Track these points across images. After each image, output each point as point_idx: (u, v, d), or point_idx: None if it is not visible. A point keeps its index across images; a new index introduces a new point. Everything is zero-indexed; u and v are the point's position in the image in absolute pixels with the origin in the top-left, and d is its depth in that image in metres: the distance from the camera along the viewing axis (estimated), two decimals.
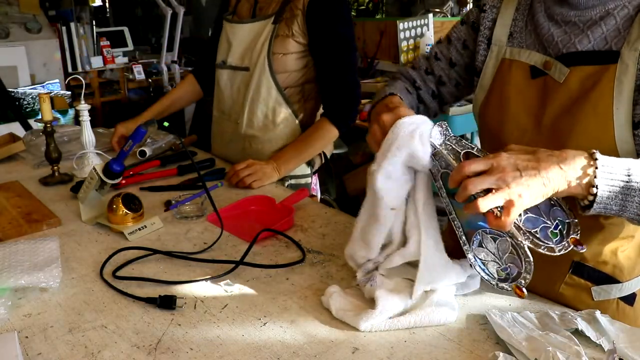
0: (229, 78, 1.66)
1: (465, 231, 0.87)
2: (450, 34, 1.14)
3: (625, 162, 0.76)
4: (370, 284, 0.90)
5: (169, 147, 1.81)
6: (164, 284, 0.98)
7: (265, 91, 1.57)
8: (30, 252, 1.03)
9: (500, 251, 0.85)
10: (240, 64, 1.62)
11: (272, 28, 1.54)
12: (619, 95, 0.85)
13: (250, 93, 1.59)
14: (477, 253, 0.86)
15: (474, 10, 1.10)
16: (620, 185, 0.74)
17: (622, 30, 0.87)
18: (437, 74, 1.15)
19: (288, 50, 1.53)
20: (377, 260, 0.93)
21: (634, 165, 0.75)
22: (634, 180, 0.74)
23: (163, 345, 0.81)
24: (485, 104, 1.04)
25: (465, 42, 1.11)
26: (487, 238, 0.85)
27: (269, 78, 1.56)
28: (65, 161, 1.59)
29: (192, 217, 1.28)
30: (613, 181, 0.74)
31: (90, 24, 4.45)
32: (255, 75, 1.57)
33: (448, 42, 1.14)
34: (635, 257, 0.97)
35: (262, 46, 1.55)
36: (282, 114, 1.59)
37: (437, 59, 1.16)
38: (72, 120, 3.75)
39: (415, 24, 3.74)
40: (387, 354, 0.78)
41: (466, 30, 1.10)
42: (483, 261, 0.86)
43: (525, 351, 0.75)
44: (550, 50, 0.94)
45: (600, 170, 0.74)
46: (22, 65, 3.67)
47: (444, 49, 1.15)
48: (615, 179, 0.74)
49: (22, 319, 0.88)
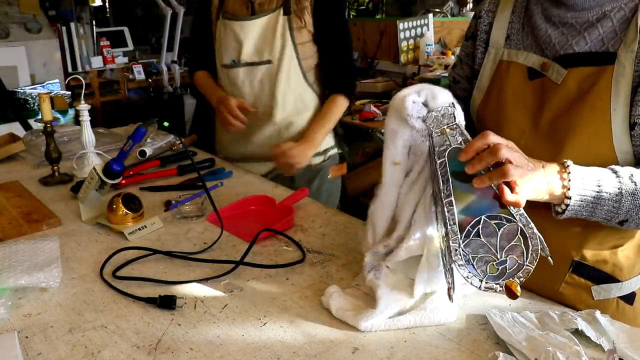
0: (247, 75, 1.68)
1: (459, 219, 0.78)
2: (460, 54, 1.16)
3: (596, 173, 0.81)
4: (375, 274, 0.89)
5: (169, 147, 1.81)
6: (164, 284, 0.98)
7: (294, 79, 1.68)
8: (30, 252, 1.03)
9: (503, 240, 0.76)
10: (259, 58, 1.65)
11: (286, 19, 1.62)
12: (617, 97, 0.85)
13: (279, 84, 1.65)
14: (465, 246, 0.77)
15: (472, 21, 1.11)
16: (592, 195, 0.80)
17: (618, 32, 0.87)
18: (461, 95, 1.14)
19: (304, 39, 1.66)
20: (387, 243, 0.91)
21: (604, 176, 0.81)
22: (604, 190, 0.80)
23: (163, 345, 0.81)
24: (483, 105, 1.04)
25: (473, 55, 1.11)
26: (489, 225, 0.77)
27: (297, 66, 1.67)
28: (65, 161, 1.59)
29: (192, 217, 1.28)
30: (585, 191, 0.80)
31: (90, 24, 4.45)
32: (283, 66, 1.64)
33: (460, 62, 1.15)
34: (635, 257, 0.97)
35: (283, 38, 1.63)
36: (308, 96, 1.74)
37: (456, 82, 1.16)
38: (72, 120, 3.75)
39: (415, 24, 3.75)
40: (387, 354, 0.78)
41: (471, 44, 1.10)
42: (472, 255, 0.76)
43: (525, 351, 0.75)
44: (548, 52, 0.94)
45: (573, 182, 0.79)
46: (22, 65, 3.67)
47: (459, 70, 1.16)
48: (587, 189, 0.80)
49: (22, 319, 0.88)
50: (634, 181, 0.80)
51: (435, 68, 3.36)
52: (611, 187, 0.80)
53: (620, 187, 0.80)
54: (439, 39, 3.88)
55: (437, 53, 3.70)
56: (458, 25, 3.99)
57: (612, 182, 0.80)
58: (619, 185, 0.80)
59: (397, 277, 0.90)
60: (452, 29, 3.96)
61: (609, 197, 0.80)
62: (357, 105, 3.27)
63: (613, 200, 0.80)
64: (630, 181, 0.80)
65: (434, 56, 3.61)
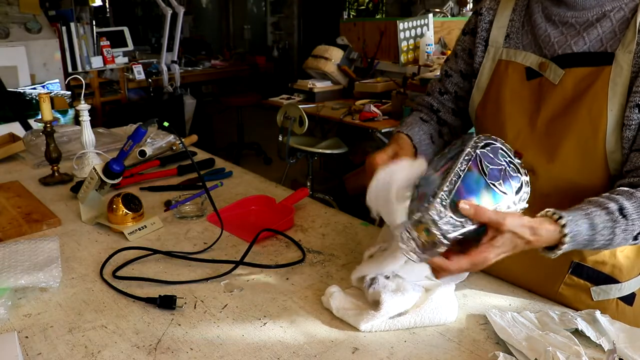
0: None
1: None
2: (455, 48, 1.14)
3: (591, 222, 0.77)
4: (373, 287, 0.89)
5: (169, 147, 1.81)
6: (164, 284, 0.98)
7: None
8: (30, 252, 1.03)
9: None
10: None
11: None
12: (613, 97, 0.85)
13: None
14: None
15: (472, 17, 1.10)
16: (584, 243, 0.78)
17: (617, 33, 0.87)
18: (452, 90, 1.13)
19: None
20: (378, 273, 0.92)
21: (598, 223, 0.77)
22: (597, 237, 0.78)
23: (163, 345, 0.81)
24: (482, 105, 1.04)
25: (470, 51, 1.09)
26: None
27: None
28: (65, 161, 1.59)
29: (192, 217, 1.28)
30: (577, 243, 0.77)
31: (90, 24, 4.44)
32: None
33: (455, 56, 1.13)
34: (634, 257, 0.97)
35: None
36: None
37: (448, 76, 1.14)
38: (72, 120, 3.74)
39: (415, 24, 3.75)
40: (387, 354, 0.78)
41: (468, 39, 1.10)
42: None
43: (525, 351, 0.75)
44: (546, 51, 0.94)
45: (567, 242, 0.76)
46: (22, 65, 3.66)
47: (453, 64, 1.14)
48: (580, 240, 0.77)
49: (22, 319, 0.88)
50: (624, 214, 0.78)
51: (435, 68, 3.35)
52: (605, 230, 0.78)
53: (612, 227, 0.78)
54: (439, 39, 3.88)
55: (437, 53, 3.70)
56: (458, 25, 3.98)
57: (606, 224, 0.78)
58: (612, 225, 0.78)
59: (395, 281, 0.90)
60: (452, 29, 3.96)
61: (602, 237, 0.78)
62: (357, 105, 3.27)
63: (605, 239, 0.79)
64: (621, 216, 0.78)
65: (434, 56, 3.60)
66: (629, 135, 0.85)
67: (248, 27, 8.15)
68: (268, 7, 8.02)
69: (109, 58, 4.50)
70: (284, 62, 7.42)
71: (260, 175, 1.62)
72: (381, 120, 3.06)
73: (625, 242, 0.80)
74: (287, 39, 7.69)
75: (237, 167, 1.66)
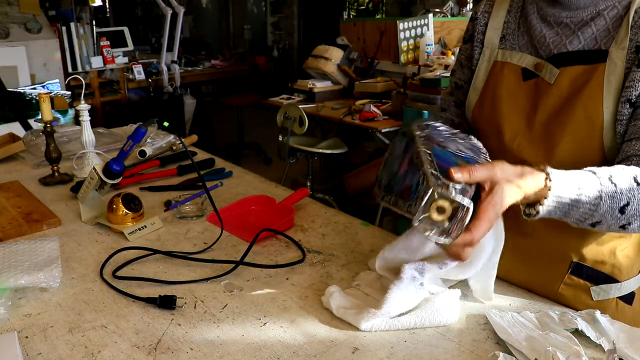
0: None
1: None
2: (459, 58, 1.14)
3: (578, 179, 0.75)
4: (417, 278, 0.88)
5: (169, 147, 1.81)
6: (164, 284, 0.98)
7: None
8: (30, 252, 1.03)
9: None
10: None
11: None
12: (609, 94, 0.86)
13: None
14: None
15: (469, 24, 1.10)
16: (567, 202, 0.75)
17: (611, 30, 0.88)
18: (465, 101, 1.12)
19: None
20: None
21: (585, 183, 0.75)
22: (582, 198, 0.75)
23: (163, 345, 0.81)
24: (478, 105, 1.05)
25: (472, 58, 1.10)
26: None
27: None
28: (65, 161, 1.59)
29: (192, 217, 1.28)
30: (560, 198, 0.74)
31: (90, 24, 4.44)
32: None
33: (460, 66, 1.13)
34: (634, 257, 0.97)
35: None
36: None
37: (459, 87, 1.14)
38: (72, 120, 3.75)
39: (415, 24, 3.75)
40: (387, 354, 0.78)
41: (469, 46, 1.09)
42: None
43: (525, 351, 0.75)
44: (542, 52, 0.95)
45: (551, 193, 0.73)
46: (22, 65, 3.66)
47: (460, 74, 1.13)
48: (564, 197, 0.74)
49: (22, 319, 0.88)
50: (614, 182, 0.76)
51: (435, 68, 3.36)
52: (591, 191, 0.76)
53: (600, 190, 0.76)
54: (439, 39, 3.88)
55: (437, 53, 3.70)
56: (458, 25, 3.99)
57: (593, 185, 0.76)
58: (599, 187, 0.76)
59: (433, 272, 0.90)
60: (452, 29, 3.96)
61: (588, 200, 0.75)
62: (357, 105, 3.27)
63: (591, 204, 0.76)
64: (610, 182, 0.76)
65: (434, 56, 3.60)
66: (621, 130, 0.85)
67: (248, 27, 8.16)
68: (268, 7, 8.03)
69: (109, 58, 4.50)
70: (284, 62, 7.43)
71: (260, 175, 1.62)
72: (381, 120, 3.06)
73: (612, 213, 0.77)
74: (287, 39, 7.70)
75: (237, 167, 1.66)
